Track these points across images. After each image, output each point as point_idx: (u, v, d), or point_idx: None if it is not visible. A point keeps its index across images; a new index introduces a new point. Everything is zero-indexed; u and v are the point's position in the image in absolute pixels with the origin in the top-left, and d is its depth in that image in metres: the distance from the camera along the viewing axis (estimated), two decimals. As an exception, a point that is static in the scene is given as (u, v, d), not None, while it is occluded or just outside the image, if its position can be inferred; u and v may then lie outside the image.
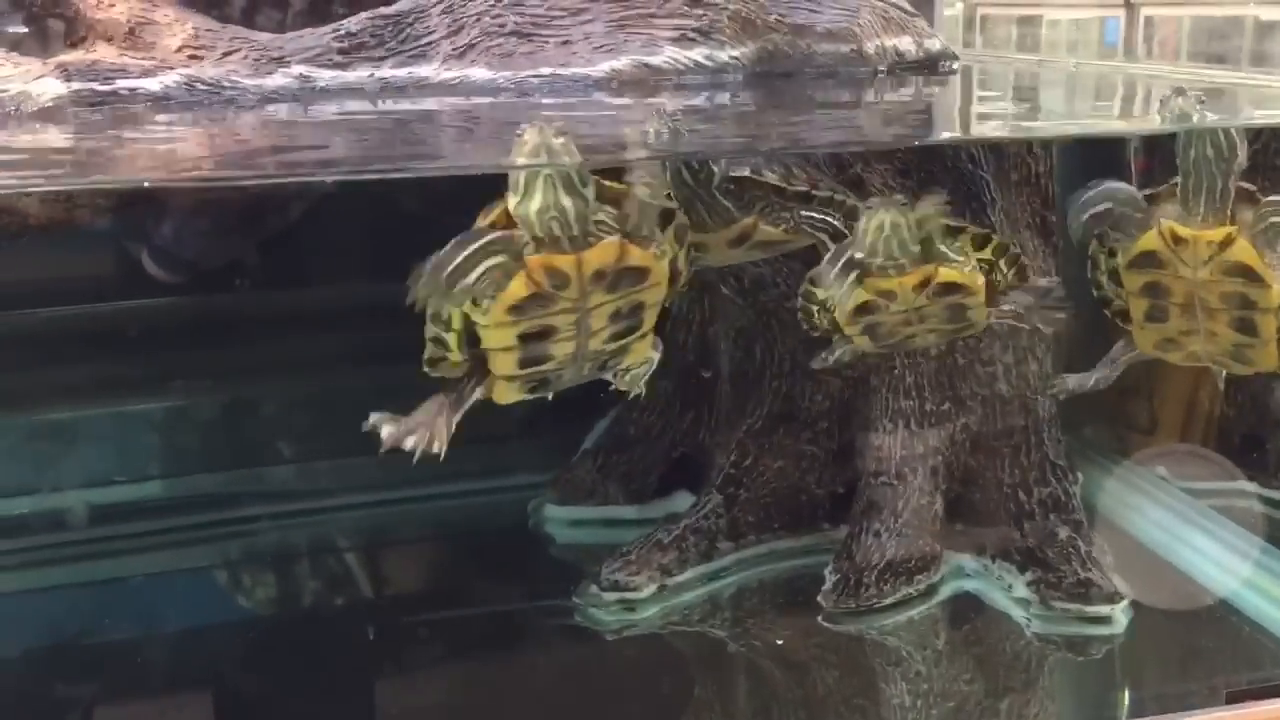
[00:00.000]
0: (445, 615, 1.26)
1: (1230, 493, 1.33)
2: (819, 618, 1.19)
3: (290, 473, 1.51)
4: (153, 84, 1.27)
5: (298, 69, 1.37)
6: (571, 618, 1.21)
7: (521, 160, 0.79)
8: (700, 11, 1.46)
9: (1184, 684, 1.07)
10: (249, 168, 1.08)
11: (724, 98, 1.39)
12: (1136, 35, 2.47)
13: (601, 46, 1.45)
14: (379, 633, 1.22)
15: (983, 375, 1.25)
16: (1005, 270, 0.99)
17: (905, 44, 1.53)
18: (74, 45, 1.37)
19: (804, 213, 0.96)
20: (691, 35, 1.46)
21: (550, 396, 0.94)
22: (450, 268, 0.82)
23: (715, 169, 0.97)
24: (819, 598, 1.20)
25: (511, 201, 0.82)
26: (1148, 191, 1.00)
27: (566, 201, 0.81)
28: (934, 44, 1.56)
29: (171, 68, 1.31)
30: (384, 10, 1.44)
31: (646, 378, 0.98)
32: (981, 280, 0.97)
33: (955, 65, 1.59)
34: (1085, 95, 1.65)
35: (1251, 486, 1.34)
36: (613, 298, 0.86)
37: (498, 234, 0.84)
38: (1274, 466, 1.33)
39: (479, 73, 1.41)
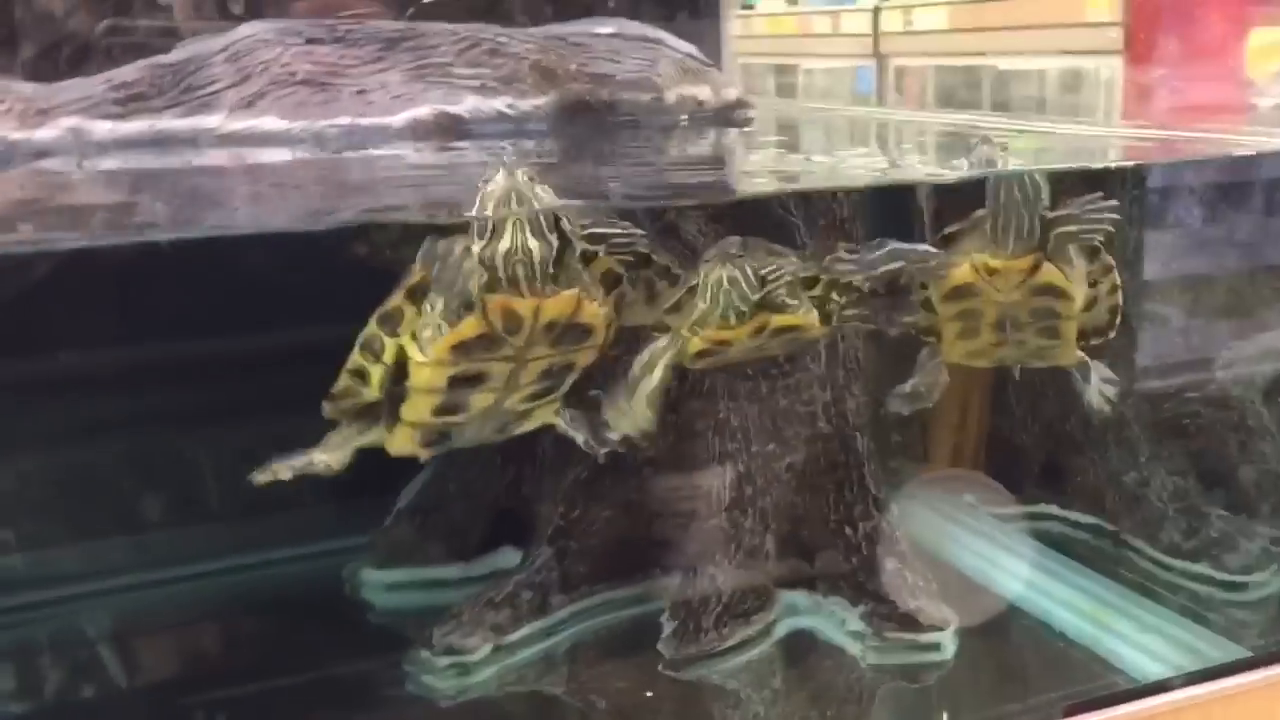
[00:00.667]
0: (269, 693, 1.20)
1: (1034, 516, 1.42)
2: (659, 666, 1.20)
3: (72, 552, 1.41)
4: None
5: (69, 121, 1.31)
6: (404, 686, 1.18)
7: (491, 205, 0.78)
8: (500, 61, 1.47)
9: (1019, 702, 1.13)
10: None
11: (529, 146, 1.40)
12: (887, 83, 2.65)
13: (400, 96, 1.43)
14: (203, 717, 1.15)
15: (804, 415, 1.29)
16: (839, 298, 1.03)
17: (704, 93, 1.59)
18: None
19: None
20: (492, 85, 1.47)
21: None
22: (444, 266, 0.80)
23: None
24: (659, 645, 1.21)
25: (476, 245, 0.81)
26: (949, 230, 1.07)
27: (533, 244, 0.81)
28: (731, 93, 1.62)
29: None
30: (161, 59, 1.39)
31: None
32: (815, 317, 1.01)
33: (751, 114, 1.66)
34: (870, 141, 1.75)
35: (1053, 509, 1.43)
36: (551, 353, 0.85)
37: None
38: (1071, 489, 1.43)
39: (271, 122, 1.37)
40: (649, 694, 1.17)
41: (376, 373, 0.87)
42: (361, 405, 0.90)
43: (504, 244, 0.81)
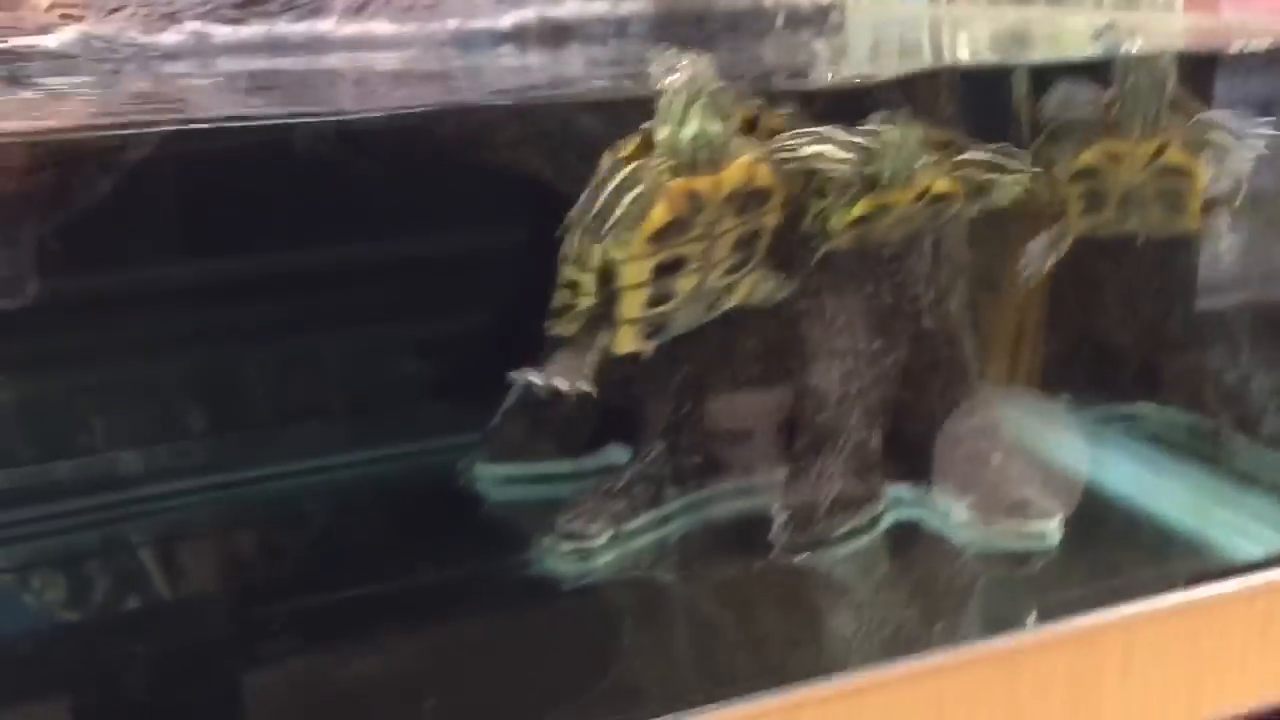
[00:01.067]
0: (405, 579, 1.27)
1: (1132, 414, 1.47)
2: (770, 555, 1.26)
3: (209, 445, 1.49)
4: (50, 41, 1.24)
5: (191, 25, 1.36)
6: (528, 570, 1.25)
7: (676, 93, 0.84)
8: (604, -37, 1.50)
9: (1130, 578, 1.18)
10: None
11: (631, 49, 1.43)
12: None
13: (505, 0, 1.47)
14: (339, 602, 1.23)
15: (909, 312, 1.34)
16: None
17: (800, -4, 1.61)
18: None
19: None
20: (596, -13, 1.51)
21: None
22: (595, 210, 0.85)
23: None
24: (770, 536, 1.27)
25: (662, 131, 0.86)
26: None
27: (714, 128, 0.85)
28: (822, -4, 1.65)
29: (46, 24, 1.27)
30: (273, -36, 1.42)
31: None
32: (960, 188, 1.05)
33: (844, 15, 1.68)
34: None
35: (1150, 407, 1.48)
36: (738, 223, 0.90)
37: (632, 167, 0.87)
38: (1170, 388, 1.47)
39: (382, 27, 1.42)
40: (760, 580, 1.24)
41: (590, 280, 0.93)
42: (582, 316, 0.96)
43: (688, 130, 0.85)
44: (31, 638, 1.24)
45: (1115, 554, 1.23)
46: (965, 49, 1.51)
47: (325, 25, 1.40)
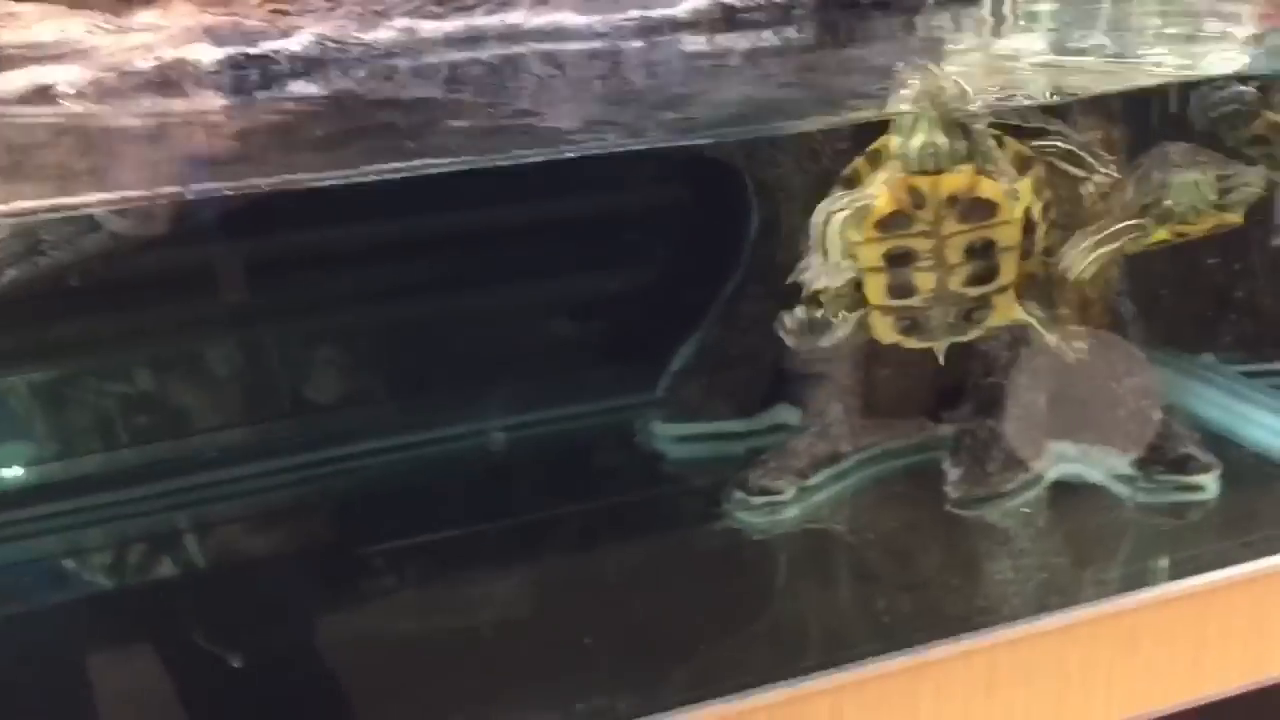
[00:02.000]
0: (600, 526, 1.42)
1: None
2: (945, 506, 1.40)
3: (394, 404, 1.65)
4: (293, 44, 1.38)
5: (401, 22, 1.50)
6: (724, 520, 1.40)
7: (907, 105, 0.97)
8: (764, -48, 1.62)
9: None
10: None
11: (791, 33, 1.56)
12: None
13: (678, -13, 1.60)
14: (536, 548, 1.38)
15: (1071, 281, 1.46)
16: None
17: (946, -24, 1.73)
18: (145, 4, 1.46)
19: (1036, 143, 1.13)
20: (759, -26, 1.63)
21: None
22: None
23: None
24: (946, 488, 1.41)
25: (895, 140, 0.99)
26: None
27: (943, 140, 0.98)
28: (967, -24, 1.76)
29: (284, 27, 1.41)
30: (464, -40, 1.56)
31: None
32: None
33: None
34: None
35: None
36: (964, 228, 1.02)
37: (859, 162, 1.02)
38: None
39: (569, 18, 1.55)
40: (932, 530, 1.38)
41: (835, 251, 1.06)
42: (839, 300, 1.09)
43: (917, 140, 0.98)
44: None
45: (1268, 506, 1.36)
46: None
47: (516, 17, 1.54)
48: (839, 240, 1.05)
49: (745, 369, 1.60)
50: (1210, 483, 1.38)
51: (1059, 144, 1.10)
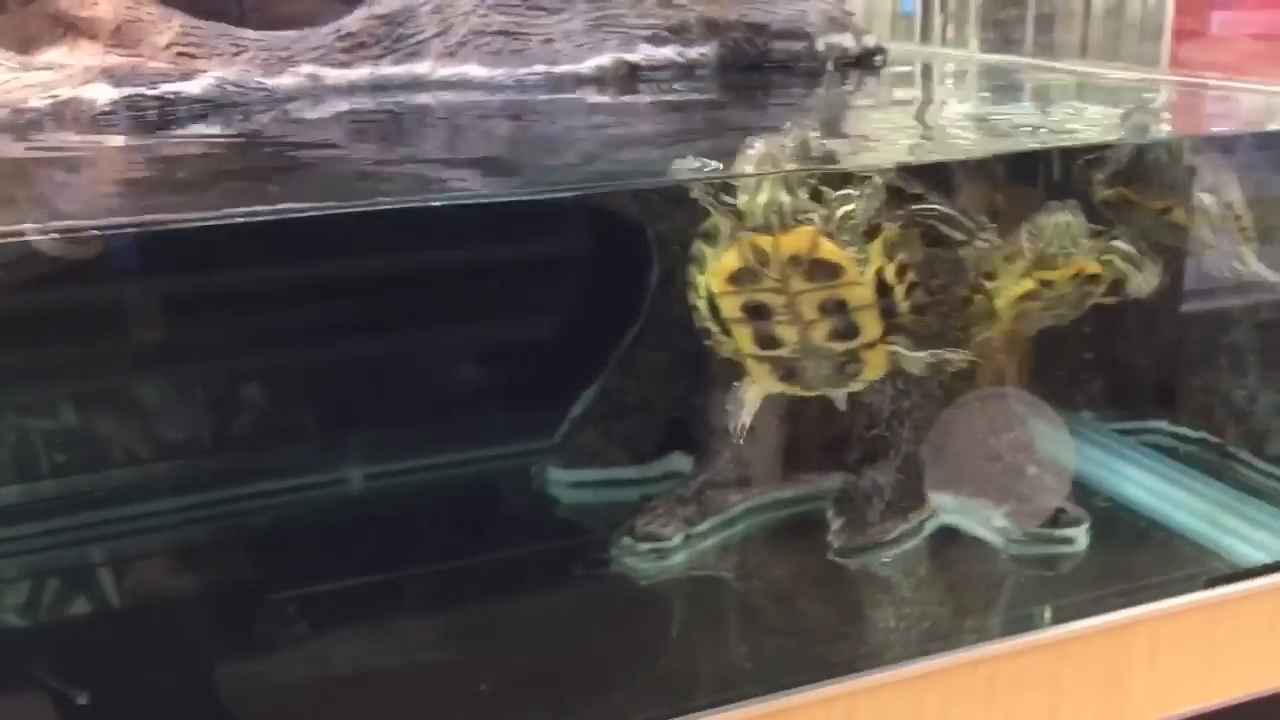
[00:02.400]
0: (488, 570, 1.46)
1: (1148, 430, 1.68)
2: (827, 555, 1.46)
3: (295, 450, 1.68)
4: (193, 87, 1.41)
5: (307, 68, 1.54)
6: (609, 567, 1.45)
7: (750, 168, 1.04)
8: (669, 12, 1.71)
9: (1156, 577, 1.39)
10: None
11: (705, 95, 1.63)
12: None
13: (583, 45, 1.67)
14: (426, 594, 1.41)
15: (953, 337, 1.54)
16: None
17: (847, 40, 1.82)
18: (51, 44, 1.49)
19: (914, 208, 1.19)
20: (663, 34, 1.71)
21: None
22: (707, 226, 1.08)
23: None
24: (829, 537, 1.47)
25: (743, 198, 1.05)
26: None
27: (785, 198, 1.04)
28: (869, 40, 1.85)
29: (186, 69, 1.44)
30: (377, 9, 1.61)
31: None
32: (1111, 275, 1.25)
33: (885, 58, 1.88)
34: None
35: (1164, 424, 1.68)
36: (812, 287, 1.08)
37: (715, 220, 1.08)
38: (1183, 406, 1.68)
39: (476, 70, 1.61)
40: (816, 578, 1.44)
41: (704, 306, 1.12)
42: (731, 349, 1.15)
43: (761, 198, 1.05)
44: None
45: (1139, 558, 1.44)
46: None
47: (423, 67, 1.60)
48: (704, 292, 1.11)
49: (641, 416, 1.65)
50: (1080, 535, 1.46)
51: (936, 208, 1.17)
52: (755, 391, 1.19)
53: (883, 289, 1.12)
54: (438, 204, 1.12)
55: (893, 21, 2.47)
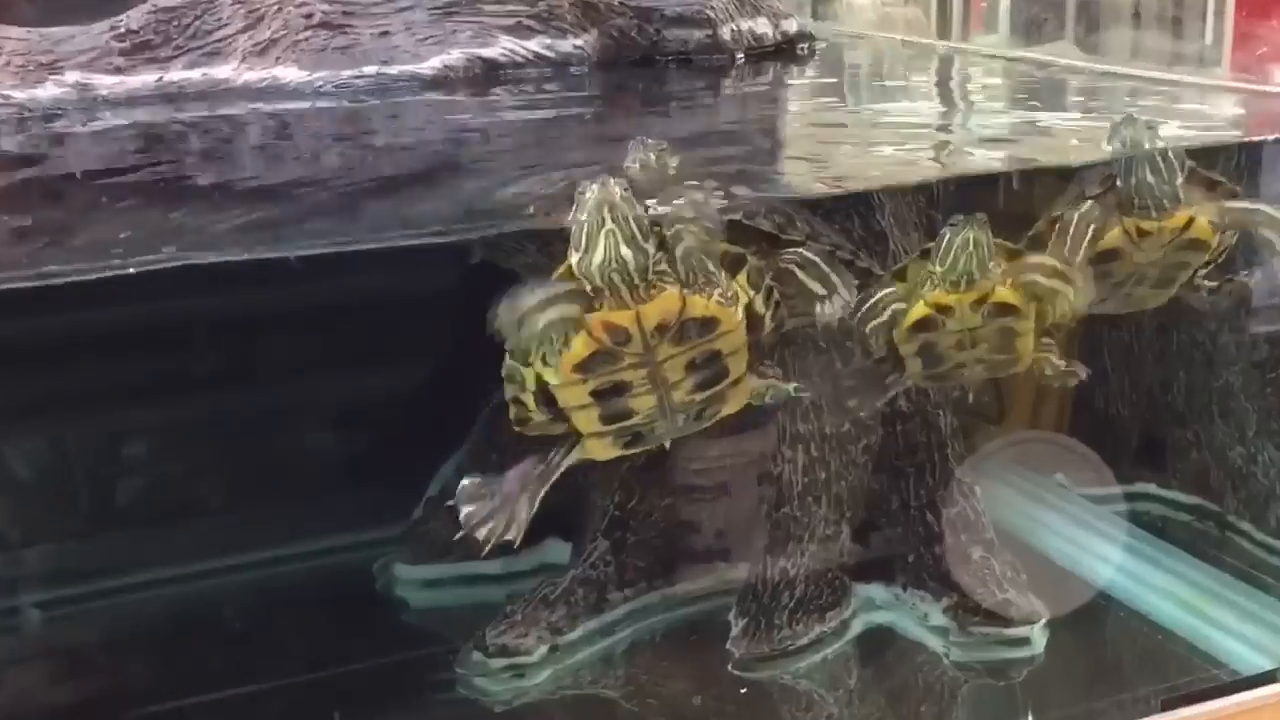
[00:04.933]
0: (303, 697, 1.36)
1: (1132, 496, 1.58)
2: (728, 666, 1.36)
3: (87, 548, 1.58)
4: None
5: (73, 76, 1.45)
6: (455, 690, 1.34)
7: (584, 217, 0.94)
8: (536, -5, 1.61)
9: (1112, 697, 1.29)
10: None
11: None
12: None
13: (427, 38, 1.58)
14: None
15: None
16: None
17: (762, 26, 1.74)
18: None
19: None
20: (528, 23, 1.62)
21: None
22: (519, 314, 0.96)
23: None
24: (729, 644, 1.36)
25: (574, 257, 0.95)
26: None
27: (627, 254, 0.95)
28: (791, 25, 1.77)
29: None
30: (166, 2, 1.52)
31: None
32: (1033, 307, 1.16)
33: (814, 47, 1.80)
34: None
35: (1151, 488, 1.59)
36: (682, 349, 0.99)
37: (563, 286, 0.97)
38: (1171, 466, 1.59)
39: (290, 73, 1.52)
40: (718, 697, 1.34)
41: (529, 399, 1.03)
42: (545, 427, 1.06)
43: (598, 257, 0.95)
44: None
45: (1105, 665, 1.35)
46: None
47: (224, 70, 1.51)
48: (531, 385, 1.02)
49: (504, 498, 1.56)
50: (1035, 635, 1.36)
51: (802, 254, 1.09)
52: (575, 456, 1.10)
53: (753, 322, 1.05)
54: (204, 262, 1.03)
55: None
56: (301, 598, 1.53)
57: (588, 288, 0.97)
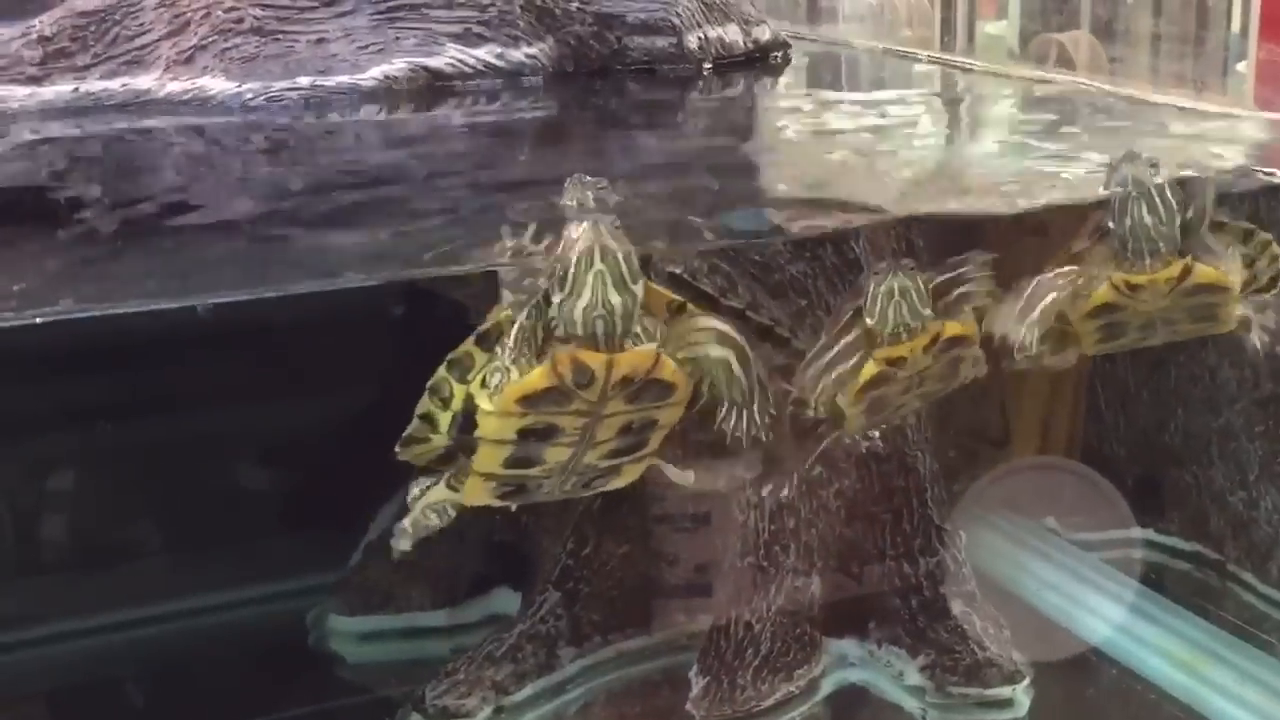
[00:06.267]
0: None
1: (1125, 541, 1.58)
2: (690, 730, 1.35)
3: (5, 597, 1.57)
4: None
5: (-20, 87, 1.44)
6: (394, 756, 1.34)
7: (574, 259, 0.93)
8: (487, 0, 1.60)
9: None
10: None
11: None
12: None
13: (367, 46, 1.57)
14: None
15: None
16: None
17: (732, 34, 1.74)
18: None
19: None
20: (478, 30, 1.61)
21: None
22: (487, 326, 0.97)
23: None
24: (688, 705, 1.36)
25: (556, 296, 0.95)
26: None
27: (615, 299, 0.94)
28: (763, 32, 1.77)
29: None
30: (83, 5, 1.52)
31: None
32: (975, 331, 1.15)
33: (786, 56, 1.80)
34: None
35: (1147, 533, 1.59)
36: (629, 409, 0.99)
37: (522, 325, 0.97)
38: (1168, 511, 1.59)
39: (218, 84, 1.51)
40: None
41: (445, 419, 1.02)
42: (433, 452, 1.05)
43: (584, 300, 0.95)
44: None
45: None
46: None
47: (146, 80, 1.50)
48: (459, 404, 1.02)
49: (449, 542, 1.55)
50: (1018, 696, 1.36)
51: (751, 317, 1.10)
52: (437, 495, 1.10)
53: (693, 401, 1.04)
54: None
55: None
56: (228, 651, 1.52)
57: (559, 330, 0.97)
